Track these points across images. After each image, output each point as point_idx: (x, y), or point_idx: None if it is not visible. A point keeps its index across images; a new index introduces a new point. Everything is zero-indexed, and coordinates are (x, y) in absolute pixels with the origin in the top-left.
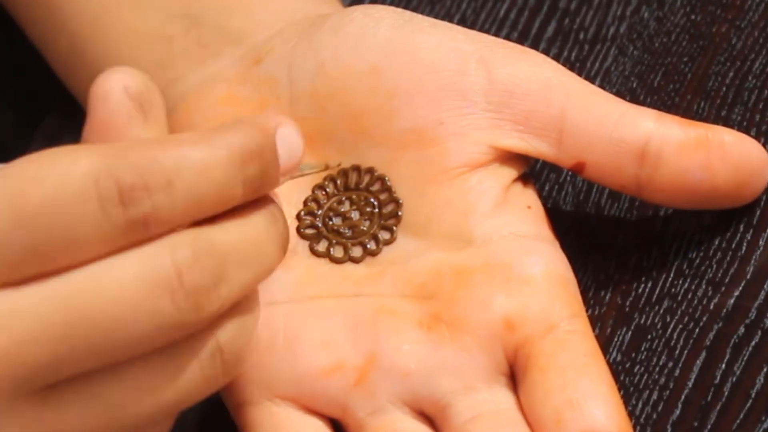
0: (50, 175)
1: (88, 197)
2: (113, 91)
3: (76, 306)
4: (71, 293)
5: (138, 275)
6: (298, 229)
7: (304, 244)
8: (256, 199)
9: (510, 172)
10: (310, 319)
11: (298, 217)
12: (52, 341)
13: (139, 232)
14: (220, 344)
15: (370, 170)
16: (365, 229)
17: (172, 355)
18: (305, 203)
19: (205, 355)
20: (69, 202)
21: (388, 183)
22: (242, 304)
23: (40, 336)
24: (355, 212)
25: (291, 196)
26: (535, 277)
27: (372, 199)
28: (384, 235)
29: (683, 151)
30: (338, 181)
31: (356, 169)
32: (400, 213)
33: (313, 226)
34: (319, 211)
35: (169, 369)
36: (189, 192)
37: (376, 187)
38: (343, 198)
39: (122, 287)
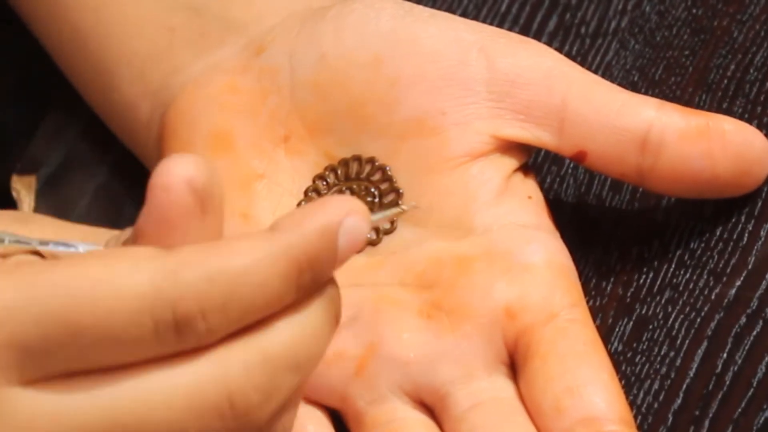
0: (105, 295)
1: (142, 322)
2: (176, 184)
3: (120, 421)
4: (118, 407)
5: (187, 398)
6: None
7: None
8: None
9: (511, 162)
10: None
11: (299, 207)
12: None
13: (191, 346)
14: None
15: (371, 160)
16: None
17: None
18: (306, 193)
19: None
20: (123, 322)
21: (389, 173)
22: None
23: None
24: None
25: (292, 186)
26: (536, 265)
27: (373, 189)
28: (384, 225)
29: (684, 140)
30: (339, 171)
31: (357, 159)
32: (400, 203)
33: None
34: None
35: None
36: (243, 308)
37: (377, 176)
38: (344, 188)
39: (170, 407)
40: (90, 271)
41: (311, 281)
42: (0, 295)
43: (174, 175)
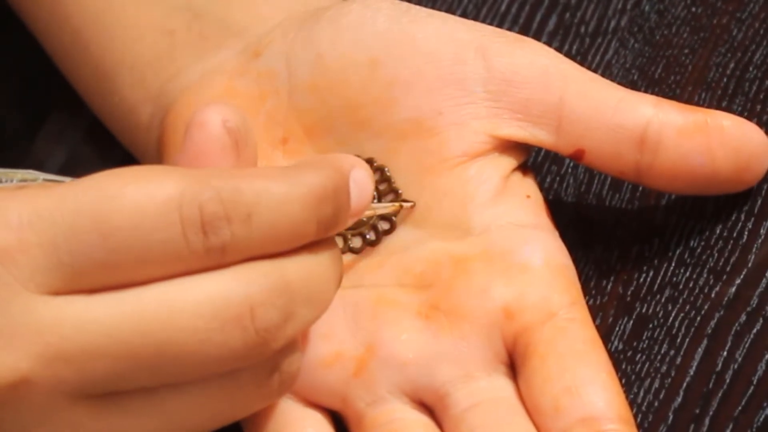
0: (134, 195)
1: (171, 220)
2: (212, 122)
3: (146, 326)
4: (143, 311)
5: (212, 306)
6: None
7: None
8: (322, 239)
9: (509, 162)
10: None
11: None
12: (117, 356)
13: (216, 259)
14: (280, 367)
15: (370, 161)
16: (364, 219)
17: (233, 376)
18: None
19: (265, 376)
20: (152, 222)
21: (388, 173)
22: None
23: (107, 348)
24: None
25: None
26: (534, 265)
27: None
28: (383, 226)
29: (683, 136)
30: None
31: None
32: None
33: None
34: None
35: (229, 389)
36: (266, 225)
37: (375, 177)
38: None
39: (195, 315)
40: (122, 175)
41: (330, 218)
42: (34, 201)
43: (211, 115)
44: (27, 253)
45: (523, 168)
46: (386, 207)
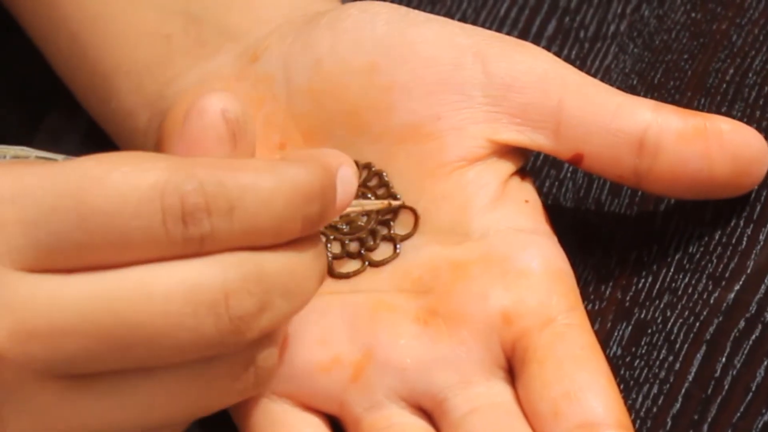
0: (118, 179)
1: (151, 208)
2: (210, 111)
3: (119, 307)
4: (117, 293)
5: (186, 290)
6: None
7: None
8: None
9: (508, 166)
10: (307, 315)
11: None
12: (88, 335)
13: (194, 248)
14: (255, 360)
15: (368, 165)
16: (362, 224)
17: (207, 365)
18: None
19: (240, 369)
20: (133, 209)
21: (386, 178)
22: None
23: (79, 328)
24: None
25: None
26: (533, 270)
27: (369, 195)
28: (381, 231)
29: (682, 141)
30: None
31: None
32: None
33: None
34: None
35: (202, 378)
36: (249, 220)
37: (373, 182)
38: None
39: (168, 298)
40: (108, 159)
41: (316, 215)
42: (19, 178)
43: (210, 103)
44: (5, 229)
45: (522, 173)
46: (374, 204)
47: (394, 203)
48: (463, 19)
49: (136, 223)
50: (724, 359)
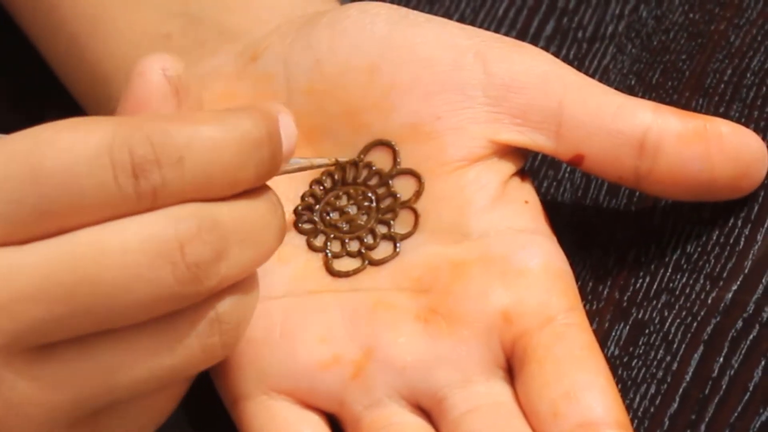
0: (67, 140)
1: (101, 165)
2: (152, 71)
3: (77, 267)
4: (74, 254)
5: (141, 242)
6: (295, 224)
7: (301, 239)
8: (258, 186)
9: (508, 167)
10: (308, 313)
11: (296, 212)
12: (50, 301)
13: (147, 203)
14: (218, 315)
15: (368, 165)
16: (362, 223)
17: (170, 322)
18: (303, 198)
19: (204, 325)
20: (83, 167)
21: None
22: (242, 282)
23: (39, 294)
24: (353, 207)
25: (288, 191)
26: (532, 270)
27: (369, 194)
28: (381, 229)
29: (682, 142)
30: (336, 176)
31: (354, 163)
32: (397, 208)
33: (310, 221)
34: (317, 206)
35: (166, 336)
36: (199, 169)
37: (373, 181)
38: (341, 193)
39: (124, 252)
40: (57, 124)
41: (267, 162)
42: None
43: (149, 64)
44: None
45: (521, 173)
46: (322, 160)
47: (342, 160)
48: (462, 20)
49: (88, 181)
50: (721, 359)
